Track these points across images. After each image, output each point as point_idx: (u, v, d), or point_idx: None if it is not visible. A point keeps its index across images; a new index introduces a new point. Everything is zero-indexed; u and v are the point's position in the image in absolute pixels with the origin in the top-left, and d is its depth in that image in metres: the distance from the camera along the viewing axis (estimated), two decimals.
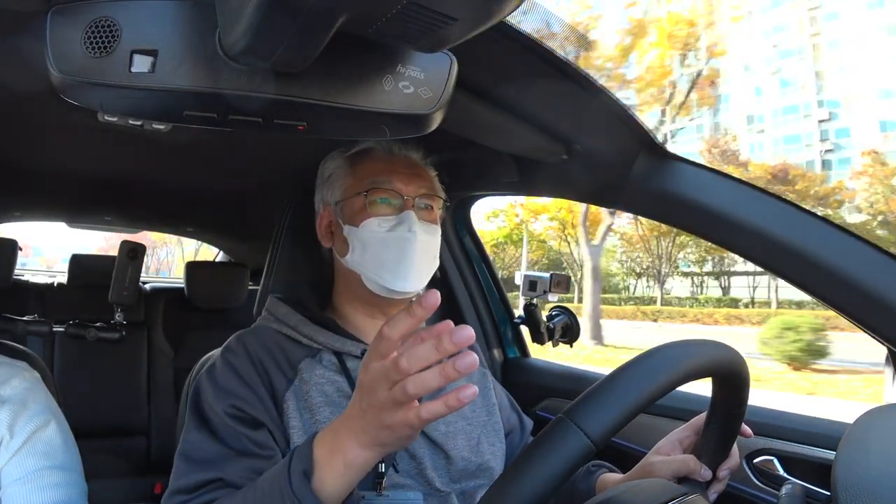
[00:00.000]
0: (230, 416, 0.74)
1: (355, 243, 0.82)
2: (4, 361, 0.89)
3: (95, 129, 1.02)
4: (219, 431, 0.74)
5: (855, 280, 0.77)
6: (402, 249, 0.80)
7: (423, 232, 0.82)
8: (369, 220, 0.81)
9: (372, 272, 0.81)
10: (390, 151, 0.88)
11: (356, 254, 0.82)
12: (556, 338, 1.40)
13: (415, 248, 0.80)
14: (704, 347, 0.61)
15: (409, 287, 0.81)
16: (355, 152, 0.89)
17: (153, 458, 2.10)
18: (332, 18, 0.43)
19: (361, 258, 0.81)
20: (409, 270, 0.80)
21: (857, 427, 0.65)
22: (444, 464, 0.81)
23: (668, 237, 20.37)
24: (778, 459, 0.96)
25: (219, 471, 0.70)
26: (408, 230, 0.80)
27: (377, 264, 0.81)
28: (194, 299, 2.22)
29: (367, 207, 0.82)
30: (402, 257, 0.80)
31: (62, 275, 2.37)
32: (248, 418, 0.75)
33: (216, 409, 0.75)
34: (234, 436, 0.73)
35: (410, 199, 0.83)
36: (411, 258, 0.80)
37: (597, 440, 0.50)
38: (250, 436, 0.73)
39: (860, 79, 25.56)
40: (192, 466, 0.72)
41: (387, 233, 0.81)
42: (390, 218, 0.82)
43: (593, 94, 0.78)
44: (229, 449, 0.72)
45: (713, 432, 0.73)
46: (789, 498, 0.69)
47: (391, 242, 0.80)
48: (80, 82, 0.49)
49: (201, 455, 0.72)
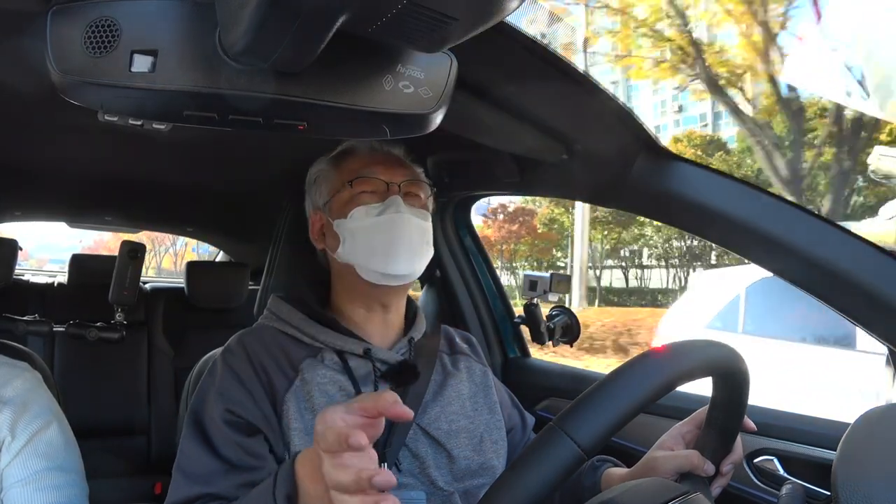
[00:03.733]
0: (226, 421, 0.75)
1: (345, 234, 0.82)
2: (5, 362, 0.89)
3: (95, 129, 1.02)
4: (213, 439, 0.74)
5: (855, 280, 0.77)
6: (391, 231, 0.80)
7: (412, 214, 0.82)
8: (356, 210, 0.82)
9: (365, 260, 0.81)
10: (372, 147, 0.89)
11: (347, 244, 0.82)
12: (557, 337, 1.40)
13: (404, 229, 0.80)
14: (699, 348, 0.61)
15: (403, 269, 0.81)
16: (337, 153, 0.89)
17: (153, 457, 2.10)
18: (332, 18, 0.43)
19: (353, 248, 0.81)
20: (401, 251, 0.80)
21: (857, 427, 0.65)
22: (446, 463, 0.81)
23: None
24: (778, 459, 0.96)
25: (207, 485, 0.71)
26: (395, 211, 0.80)
27: (369, 251, 0.80)
28: (194, 299, 2.22)
29: (353, 199, 0.83)
30: (393, 239, 0.80)
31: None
32: (244, 423, 0.75)
33: (212, 415, 0.76)
34: (229, 445, 0.73)
35: (395, 185, 0.84)
36: (401, 239, 0.80)
37: (587, 448, 0.51)
38: (244, 444, 0.74)
39: None
40: (186, 480, 0.73)
41: (375, 218, 0.81)
42: (377, 205, 0.82)
43: (593, 94, 0.78)
44: (222, 461, 0.73)
45: (714, 429, 0.73)
46: (789, 498, 0.69)
47: (381, 225, 0.80)
48: (80, 82, 0.49)
49: (195, 469, 0.73)
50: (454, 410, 0.85)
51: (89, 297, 2.07)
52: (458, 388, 0.88)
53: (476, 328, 1.50)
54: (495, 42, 0.64)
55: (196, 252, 13.84)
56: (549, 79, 0.74)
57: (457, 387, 0.88)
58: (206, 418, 0.76)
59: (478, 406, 0.89)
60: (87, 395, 2.00)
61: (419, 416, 0.82)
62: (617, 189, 0.96)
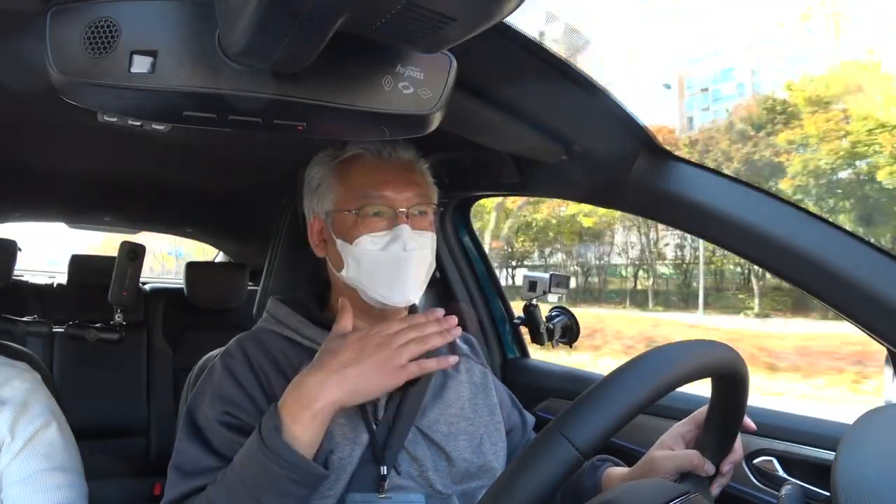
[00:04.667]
0: (222, 423, 0.75)
1: (349, 260, 0.81)
2: (5, 363, 0.89)
3: (95, 130, 1.02)
4: (210, 438, 0.74)
5: (855, 280, 0.77)
6: (396, 267, 0.79)
7: (418, 246, 0.80)
8: (362, 239, 0.79)
9: (368, 287, 0.80)
10: (380, 155, 0.83)
11: (351, 270, 0.81)
12: (556, 338, 1.40)
13: (410, 265, 0.79)
14: (698, 348, 0.61)
15: (406, 300, 0.81)
16: (343, 159, 0.84)
17: (153, 458, 2.10)
18: (332, 19, 0.43)
19: (357, 275, 0.81)
20: (406, 285, 0.80)
21: (857, 427, 0.65)
22: (445, 465, 0.81)
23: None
24: (778, 460, 0.96)
25: (205, 480, 0.72)
26: (402, 249, 0.78)
27: (373, 281, 0.80)
28: (194, 299, 2.22)
29: (359, 223, 0.80)
30: (398, 274, 0.79)
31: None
32: (241, 425, 0.75)
33: (209, 416, 0.76)
34: (226, 443, 0.74)
35: (403, 213, 0.80)
36: (407, 274, 0.79)
37: (585, 450, 0.51)
38: (242, 443, 0.73)
39: None
40: (182, 478, 0.73)
41: (381, 251, 0.79)
42: (383, 234, 0.79)
43: (593, 94, 0.78)
44: (219, 457, 0.73)
45: (714, 429, 0.73)
46: (789, 498, 0.69)
47: (386, 261, 0.79)
48: (79, 82, 0.49)
49: (191, 467, 0.73)
50: (454, 413, 0.85)
51: (88, 297, 2.07)
52: (458, 390, 0.88)
53: (475, 329, 1.50)
54: (495, 42, 0.64)
55: (173, 255, 13.92)
56: (548, 79, 0.74)
57: (456, 389, 0.88)
58: (202, 418, 0.76)
59: (477, 408, 0.88)
60: (86, 395, 2.00)
61: (418, 418, 0.82)
62: (616, 189, 0.96)
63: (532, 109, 0.84)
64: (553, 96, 0.81)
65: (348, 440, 0.77)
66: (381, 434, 0.79)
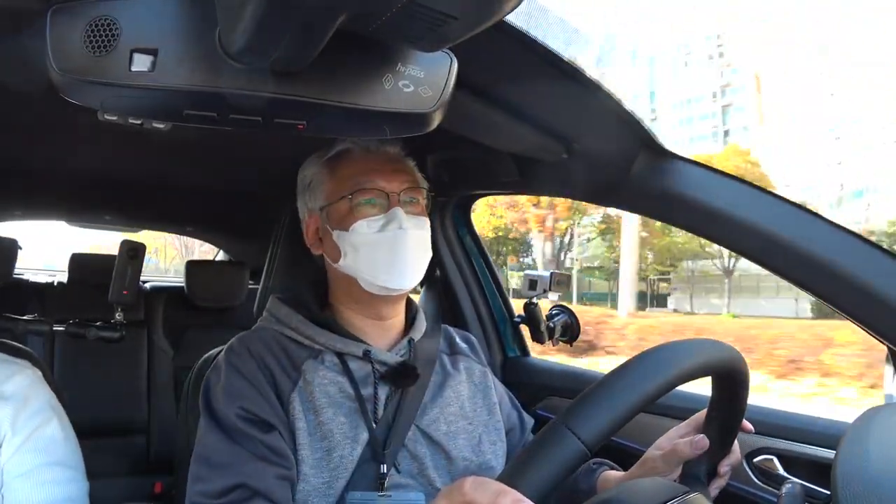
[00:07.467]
0: (241, 418, 0.75)
1: (346, 248, 0.81)
2: (6, 359, 0.89)
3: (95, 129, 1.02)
4: (232, 434, 0.74)
5: (855, 279, 0.77)
6: (394, 248, 0.80)
7: (414, 227, 0.81)
8: (358, 223, 0.81)
9: (367, 274, 0.80)
10: (367, 149, 0.86)
11: (349, 258, 0.82)
12: (557, 337, 1.39)
13: (407, 245, 0.80)
14: (700, 347, 0.61)
15: (406, 284, 0.81)
16: (332, 155, 0.87)
17: (153, 457, 2.10)
18: (332, 17, 0.43)
19: (355, 261, 0.81)
20: (405, 267, 0.80)
21: (857, 427, 0.65)
22: (444, 464, 0.82)
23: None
24: (778, 459, 0.96)
25: (239, 475, 0.71)
26: (398, 227, 0.80)
27: (371, 265, 0.80)
28: (194, 298, 2.22)
29: (353, 210, 0.81)
30: (396, 255, 0.80)
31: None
32: (259, 420, 0.75)
33: (227, 412, 0.75)
34: (248, 439, 0.73)
35: (395, 196, 0.82)
36: (405, 255, 0.80)
37: (591, 444, 0.51)
38: (263, 440, 0.74)
39: None
40: (214, 471, 0.72)
41: (377, 233, 0.80)
42: (378, 218, 0.81)
43: (593, 92, 0.77)
44: (245, 450, 0.73)
45: (713, 429, 0.73)
46: (789, 497, 0.69)
47: (383, 242, 0.80)
48: (80, 81, 0.49)
49: (219, 458, 0.73)
50: (453, 412, 0.85)
51: (89, 296, 2.07)
52: (458, 390, 0.88)
53: (476, 328, 1.50)
54: (495, 41, 0.63)
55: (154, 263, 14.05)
56: (548, 78, 0.74)
57: (456, 388, 0.88)
58: (221, 414, 0.75)
59: (477, 407, 0.89)
60: (86, 394, 2.00)
61: (418, 417, 0.82)
62: (617, 188, 0.96)
63: (532, 108, 0.84)
64: (553, 95, 0.80)
65: (348, 439, 0.77)
66: (381, 433, 0.79)
